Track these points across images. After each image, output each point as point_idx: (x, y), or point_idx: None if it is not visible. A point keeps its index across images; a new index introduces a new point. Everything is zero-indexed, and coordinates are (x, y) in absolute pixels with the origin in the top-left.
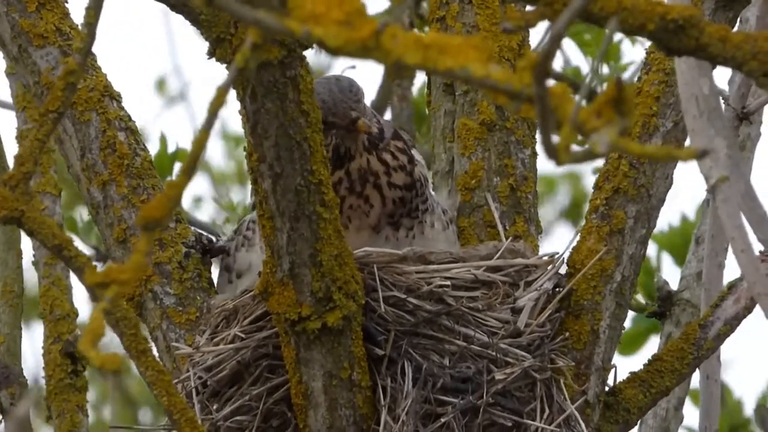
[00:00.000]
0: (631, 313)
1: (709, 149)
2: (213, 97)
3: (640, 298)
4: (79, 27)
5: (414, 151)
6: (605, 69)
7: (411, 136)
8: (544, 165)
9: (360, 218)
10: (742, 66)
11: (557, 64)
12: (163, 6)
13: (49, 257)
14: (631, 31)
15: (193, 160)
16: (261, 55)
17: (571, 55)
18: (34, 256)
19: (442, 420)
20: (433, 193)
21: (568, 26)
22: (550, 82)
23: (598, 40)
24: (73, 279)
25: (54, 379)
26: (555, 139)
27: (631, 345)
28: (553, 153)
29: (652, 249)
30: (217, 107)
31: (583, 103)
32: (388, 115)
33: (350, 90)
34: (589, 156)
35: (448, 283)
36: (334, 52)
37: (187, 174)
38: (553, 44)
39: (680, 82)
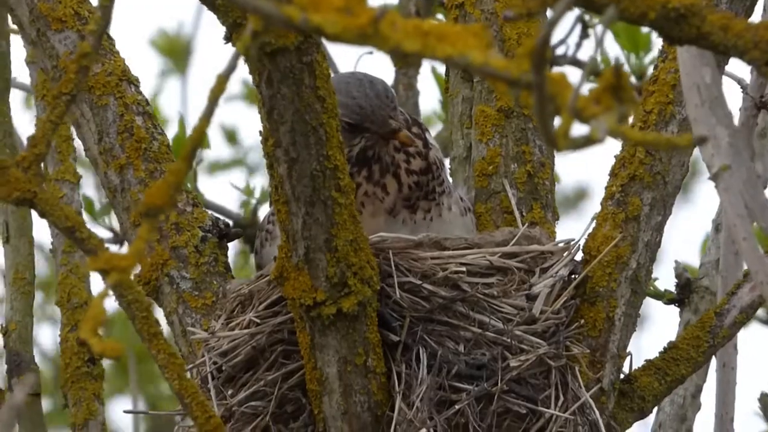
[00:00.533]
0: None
1: (707, 136)
2: (213, 85)
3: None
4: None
5: (428, 135)
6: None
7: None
8: None
9: (374, 203)
10: (744, 55)
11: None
12: None
13: (67, 244)
14: (632, 20)
15: (193, 148)
16: (277, 36)
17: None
18: (52, 243)
19: (457, 407)
20: (450, 178)
21: (565, 13)
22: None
23: (630, 29)
24: None
25: (71, 367)
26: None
27: None
28: (551, 139)
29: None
30: (218, 95)
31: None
32: None
33: (387, 96)
34: (587, 142)
35: (464, 269)
36: (333, 39)
37: (188, 161)
38: (549, 31)
39: (682, 71)
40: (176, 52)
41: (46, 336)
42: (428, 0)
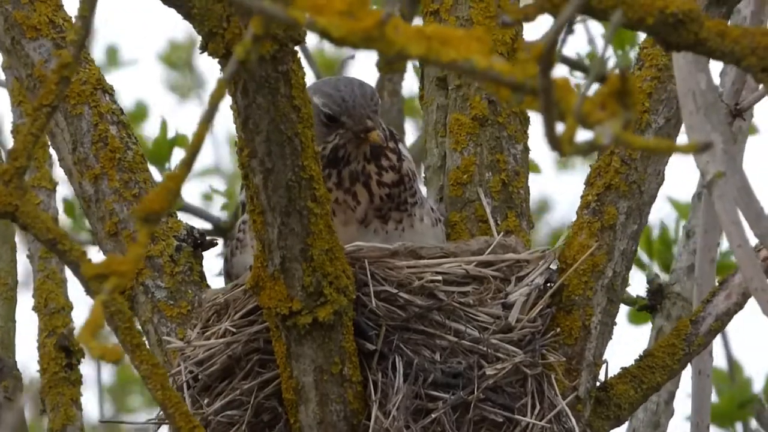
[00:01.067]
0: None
1: (710, 142)
2: (213, 90)
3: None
4: (73, 19)
5: (401, 146)
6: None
7: (400, 131)
8: None
9: (345, 212)
10: (741, 61)
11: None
12: None
13: (44, 251)
14: (631, 25)
15: (193, 153)
16: (261, 47)
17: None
18: (29, 249)
19: (433, 415)
20: (422, 188)
21: (570, 18)
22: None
23: (623, 38)
24: (68, 272)
25: (48, 372)
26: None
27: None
28: (556, 144)
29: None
30: (217, 100)
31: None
32: None
33: (371, 98)
34: (592, 147)
35: (440, 278)
36: (338, 42)
37: (187, 166)
38: (556, 35)
39: (678, 77)
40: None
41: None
42: (413, 3)
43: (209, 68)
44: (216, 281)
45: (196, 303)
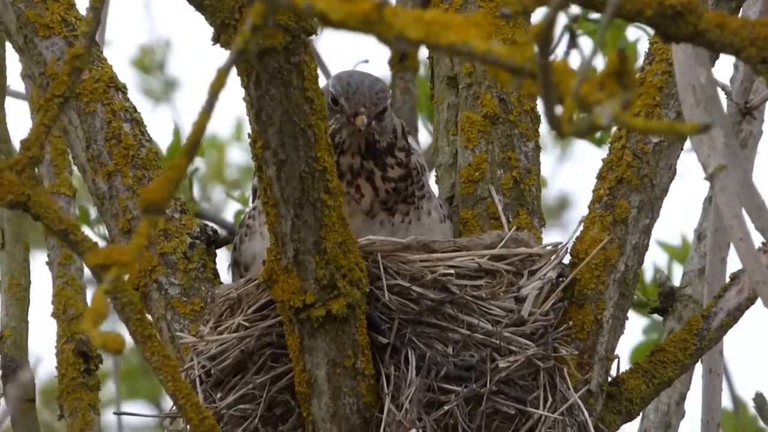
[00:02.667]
0: (641, 324)
1: (711, 123)
2: (213, 79)
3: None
4: (84, 14)
5: (411, 140)
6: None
7: (413, 129)
8: None
9: (350, 204)
10: (740, 52)
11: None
12: None
13: (63, 257)
14: (630, 17)
15: (194, 143)
16: (263, 37)
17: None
18: (48, 256)
19: (446, 408)
20: (434, 186)
21: (567, 2)
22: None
23: (614, 37)
24: (87, 279)
25: (67, 378)
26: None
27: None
28: (556, 125)
29: (662, 258)
30: (218, 89)
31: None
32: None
33: (377, 93)
34: (592, 128)
35: (452, 271)
36: (336, 25)
37: (188, 156)
38: (554, 14)
39: (677, 71)
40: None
41: None
42: (423, 4)
43: (182, 71)
44: (226, 273)
45: (209, 300)
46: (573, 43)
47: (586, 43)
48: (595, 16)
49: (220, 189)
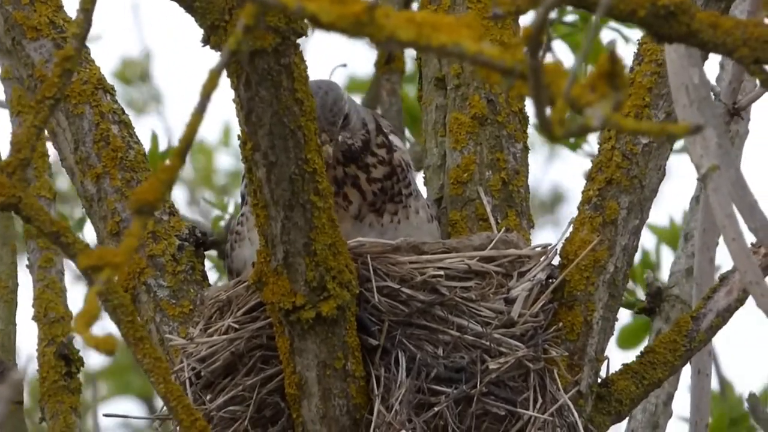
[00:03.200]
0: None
1: (701, 125)
2: (206, 80)
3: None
4: (73, 18)
5: (393, 137)
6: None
7: (400, 131)
8: None
9: (338, 211)
10: (733, 52)
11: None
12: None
13: (43, 260)
14: (622, 17)
15: (186, 144)
16: (254, 38)
17: (563, 57)
18: (28, 259)
19: (436, 409)
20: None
21: (558, 1)
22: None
23: (593, 45)
24: (68, 282)
25: (48, 381)
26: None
27: (631, 339)
28: (547, 127)
29: (650, 242)
30: (210, 90)
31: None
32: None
33: (331, 110)
34: (583, 130)
35: (442, 273)
36: (327, 27)
37: (180, 157)
38: (545, 15)
39: (670, 71)
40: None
41: None
42: (410, 5)
43: (164, 82)
44: (212, 275)
45: (198, 302)
46: (548, 47)
47: (559, 47)
48: (569, 18)
49: (208, 194)
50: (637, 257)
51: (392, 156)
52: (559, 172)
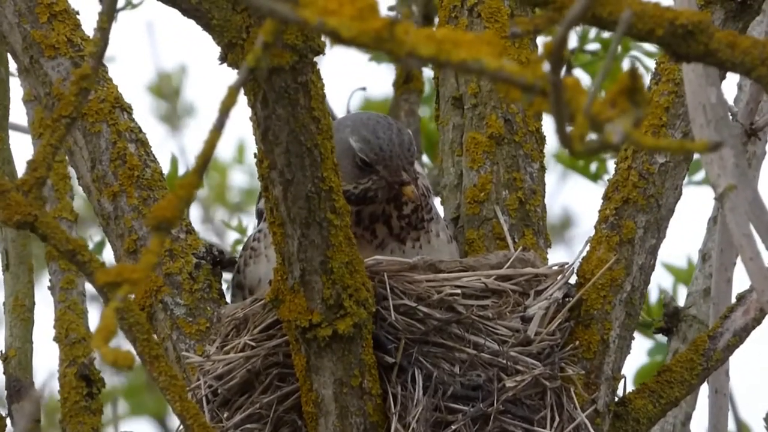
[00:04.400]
0: (645, 345)
1: (720, 142)
2: (224, 97)
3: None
4: (91, 37)
5: (416, 164)
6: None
7: (417, 150)
8: None
9: (360, 243)
10: (751, 72)
11: None
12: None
13: (65, 281)
14: (640, 37)
15: (204, 161)
16: (272, 56)
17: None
18: (50, 281)
19: (453, 427)
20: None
21: (580, 20)
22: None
23: (613, 72)
24: (89, 304)
25: (69, 401)
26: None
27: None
28: (567, 143)
29: (667, 280)
30: (229, 107)
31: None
32: None
33: (408, 149)
34: (603, 146)
35: (459, 291)
36: (348, 43)
37: (198, 174)
38: (566, 32)
39: (688, 90)
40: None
41: None
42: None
43: (199, 97)
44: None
45: (215, 320)
46: (569, 75)
47: (581, 75)
48: (591, 47)
49: (222, 212)
50: (654, 295)
51: (417, 183)
52: (570, 194)
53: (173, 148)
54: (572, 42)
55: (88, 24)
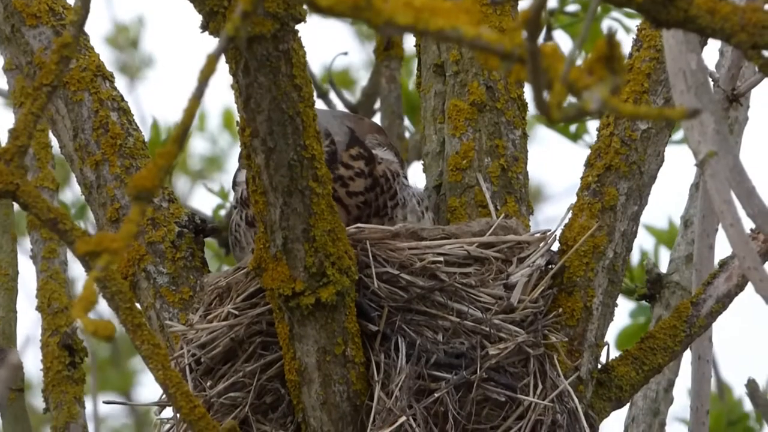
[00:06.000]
0: (627, 307)
1: (699, 109)
2: (203, 66)
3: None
4: (72, 5)
5: (378, 150)
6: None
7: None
8: None
9: None
10: (731, 38)
11: None
12: None
13: (47, 250)
14: (620, 3)
15: (184, 129)
16: (253, 24)
17: (564, 47)
18: (31, 250)
19: (436, 395)
20: (407, 183)
21: None
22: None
23: (593, 33)
24: (71, 272)
25: (52, 371)
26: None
27: (633, 339)
28: (545, 110)
29: (648, 242)
30: (208, 75)
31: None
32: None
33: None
34: (581, 113)
35: (441, 259)
36: (325, 11)
37: (178, 143)
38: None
39: (668, 57)
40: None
41: None
42: None
43: (157, 47)
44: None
45: (198, 288)
46: (549, 36)
47: (561, 36)
48: (571, 9)
49: (184, 179)
50: (635, 256)
51: (374, 167)
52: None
53: (131, 100)
54: (552, 3)
55: None
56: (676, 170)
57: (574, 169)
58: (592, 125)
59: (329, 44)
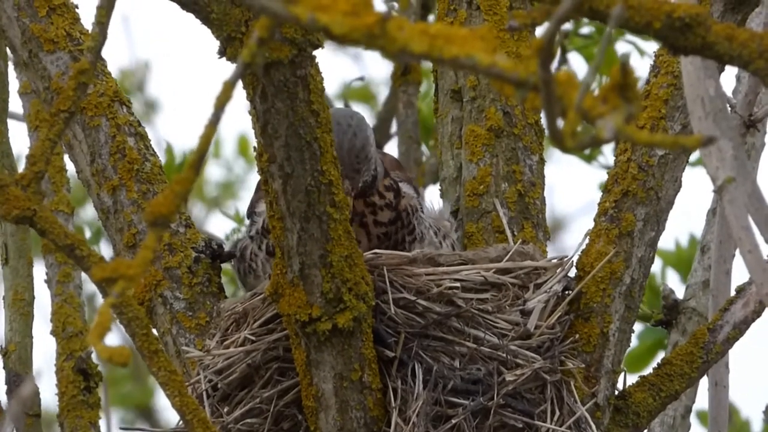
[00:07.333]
0: (637, 328)
1: (715, 137)
2: (219, 92)
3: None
4: (90, 30)
5: (402, 184)
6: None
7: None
8: None
9: None
10: (749, 65)
11: None
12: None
13: (62, 275)
14: (638, 30)
15: (200, 156)
16: (268, 50)
17: (579, 70)
18: (46, 274)
19: (453, 421)
20: (424, 214)
21: (571, 14)
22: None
23: (608, 56)
24: (85, 296)
25: (66, 395)
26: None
27: (640, 361)
28: (558, 138)
29: (656, 265)
30: (224, 102)
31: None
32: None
33: (357, 155)
34: (594, 142)
35: (458, 285)
36: (340, 39)
37: (194, 169)
38: (556, 27)
39: (686, 83)
40: None
41: None
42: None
43: (162, 93)
44: (229, 289)
45: (215, 314)
46: (563, 59)
47: (575, 59)
48: (585, 31)
49: (200, 206)
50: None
51: (399, 201)
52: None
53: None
54: (566, 25)
55: (87, 18)
56: (687, 189)
57: (589, 190)
58: (607, 147)
59: (347, 60)
